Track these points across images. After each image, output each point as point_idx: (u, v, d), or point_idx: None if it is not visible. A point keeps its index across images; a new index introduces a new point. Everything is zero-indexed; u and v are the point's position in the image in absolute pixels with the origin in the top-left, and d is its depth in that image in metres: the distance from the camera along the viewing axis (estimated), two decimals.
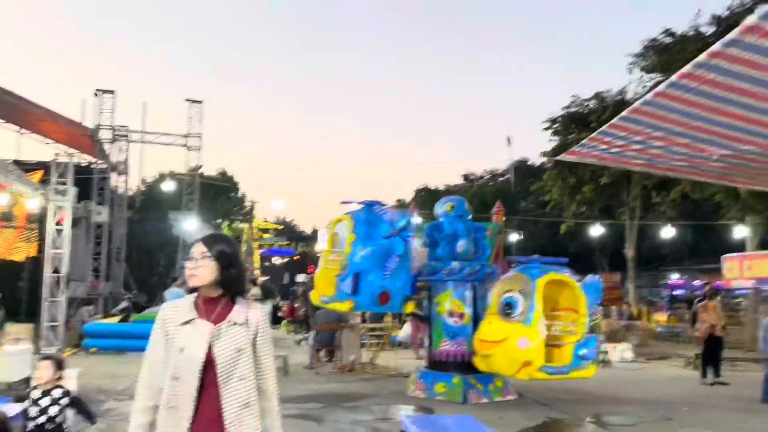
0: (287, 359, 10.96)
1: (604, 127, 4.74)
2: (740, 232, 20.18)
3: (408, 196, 52.97)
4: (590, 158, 5.19)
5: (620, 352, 14.19)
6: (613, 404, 8.51)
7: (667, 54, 20.27)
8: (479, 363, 8.09)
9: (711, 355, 10.69)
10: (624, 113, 4.41)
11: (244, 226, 41.37)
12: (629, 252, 26.50)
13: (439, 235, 9.34)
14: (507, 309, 7.73)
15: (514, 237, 29.45)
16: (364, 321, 14.23)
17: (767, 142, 4.33)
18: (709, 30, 19.45)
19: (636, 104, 4.24)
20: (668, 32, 21.11)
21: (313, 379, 10.31)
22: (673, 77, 3.83)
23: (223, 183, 34.19)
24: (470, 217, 9.98)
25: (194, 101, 24.78)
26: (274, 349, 2.62)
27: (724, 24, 17.88)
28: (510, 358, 7.58)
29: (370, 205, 9.34)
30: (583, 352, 7.60)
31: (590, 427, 7.08)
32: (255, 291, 15.36)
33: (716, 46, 3.41)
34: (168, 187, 26.76)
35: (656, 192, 23.39)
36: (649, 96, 4.09)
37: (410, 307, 9.17)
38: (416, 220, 18.80)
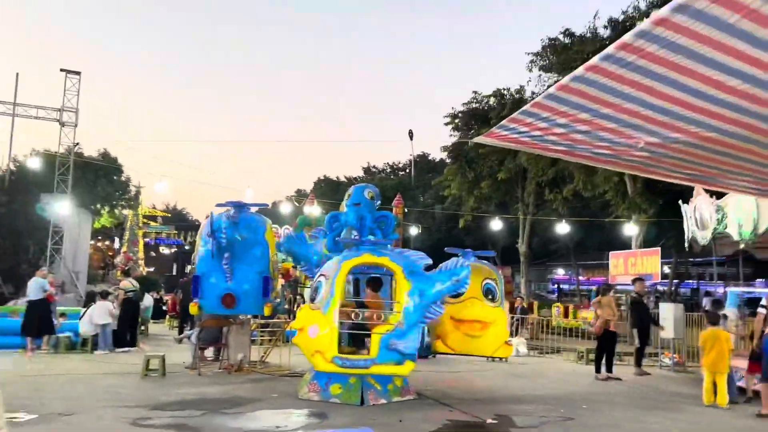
0: (164, 359, 9.85)
1: (527, 106, 4.24)
2: (630, 229, 21.10)
3: (308, 186, 52.03)
4: (508, 142, 4.70)
5: (515, 346, 14.23)
6: (514, 403, 8.24)
7: (565, 54, 20.79)
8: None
9: (605, 350, 10.81)
10: (551, 90, 3.91)
11: (129, 212, 38.58)
12: (522, 247, 27.22)
13: (365, 223, 8.78)
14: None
15: (413, 230, 29.39)
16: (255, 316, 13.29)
17: (698, 131, 3.99)
18: (605, 33, 20.14)
19: (565, 80, 3.74)
20: (567, 32, 21.67)
21: (194, 381, 9.30)
22: (610, 48, 3.35)
23: (102, 163, 31.47)
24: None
25: (71, 72, 22.44)
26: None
27: (620, 27, 18.51)
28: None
29: (238, 206, 9.22)
30: (394, 343, 7.25)
31: (492, 429, 6.69)
32: (126, 284, 13.87)
33: (664, 11, 2.94)
34: (34, 164, 24.18)
35: (549, 189, 24.09)
36: (579, 70, 3.60)
37: (267, 311, 8.95)
38: (313, 210, 17.91)
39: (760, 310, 8.27)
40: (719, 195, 10.47)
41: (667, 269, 29.94)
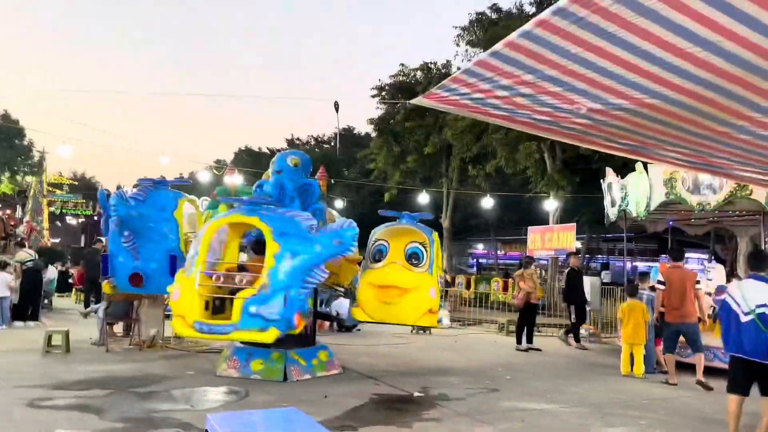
0: (68, 334, 9.09)
1: (470, 65, 3.96)
2: (549, 205, 21.67)
3: (228, 156, 50.34)
4: (448, 105, 4.43)
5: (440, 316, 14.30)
6: (439, 375, 8.18)
7: (491, 30, 20.83)
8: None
9: (526, 322, 10.99)
10: (496, 47, 3.65)
11: (33, 179, 35.83)
12: (445, 222, 27.48)
13: (286, 193, 8.24)
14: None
15: (338, 204, 29.01)
16: None
17: (641, 97, 3.87)
18: (531, 10, 20.32)
19: (512, 35, 3.49)
20: (494, 7, 21.71)
21: (101, 359, 8.63)
22: (563, 1, 3.11)
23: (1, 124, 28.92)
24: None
25: None
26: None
27: (545, 4, 18.70)
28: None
29: (157, 183, 8.73)
30: (254, 309, 6.51)
31: (418, 402, 6.56)
32: (22, 255, 12.72)
33: None
34: None
35: (473, 165, 24.32)
36: (529, 25, 3.36)
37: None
38: (234, 181, 17.10)
39: (659, 286, 8.46)
40: (624, 174, 10.91)
41: (579, 244, 31.21)
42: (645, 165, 10.12)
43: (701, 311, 8.34)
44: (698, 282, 8.77)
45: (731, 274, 12.16)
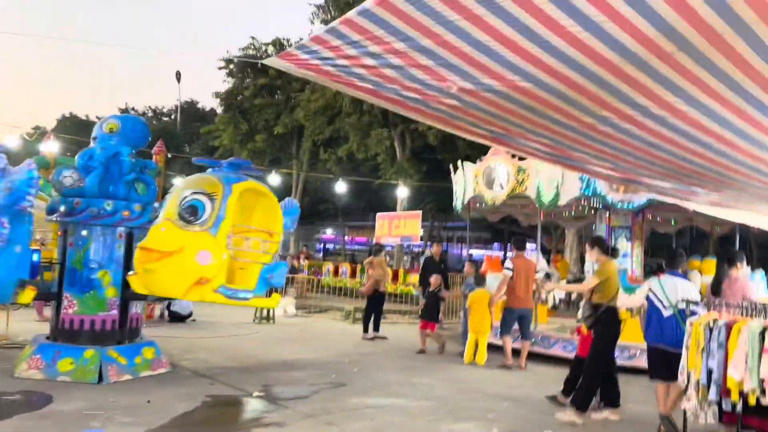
0: None
1: (335, 24, 3.42)
2: (399, 192, 21.87)
3: (50, 123, 44.89)
4: (308, 69, 3.85)
5: (284, 306, 13.69)
6: (282, 370, 7.60)
7: (347, 10, 20.39)
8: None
9: (374, 310, 10.77)
10: (366, 3, 3.13)
11: None
12: None
13: (90, 163, 7.01)
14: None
15: (177, 181, 26.98)
16: None
17: (514, 79, 3.60)
18: None
19: None
20: None
21: None
22: None
23: None
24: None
25: None
26: None
27: None
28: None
29: None
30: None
31: (259, 404, 5.95)
32: None
33: None
34: None
35: (324, 149, 23.85)
36: None
37: (28, 297, 6.32)
38: (51, 148, 14.84)
39: (507, 272, 8.74)
40: (521, 156, 10.65)
41: (422, 231, 32.23)
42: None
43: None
44: (537, 271, 9.28)
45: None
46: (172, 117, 45.44)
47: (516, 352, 8.68)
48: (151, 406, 5.59)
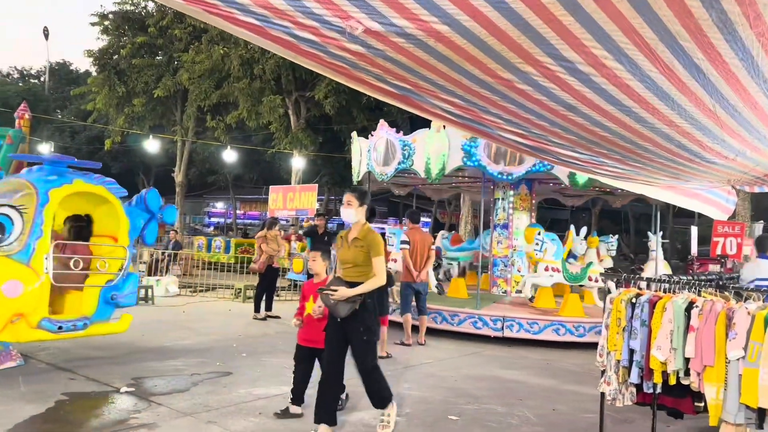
0: None
1: None
2: (293, 164, 20.94)
3: None
4: (196, 3, 3.07)
5: (165, 285, 12.59)
6: (158, 359, 6.74)
7: None
8: None
9: (267, 287, 10.04)
10: None
11: None
12: (178, 177, 25.06)
13: None
14: None
15: (45, 148, 24.29)
16: None
17: (431, 21, 3.09)
18: None
19: None
20: None
21: None
22: None
23: None
24: None
25: None
26: None
27: None
28: None
29: None
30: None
31: (126, 401, 5.12)
32: None
33: None
34: None
35: (212, 116, 22.35)
36: None
37: None
38: None
39: (404, 246, 8.46)
40: (407, 131, 10.47)
41: (318, 205, 31.61)
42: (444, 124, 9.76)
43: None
44: (433, 244, 9.04)
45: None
46: (41, 79, 41.20)
47: (415, 329, 8.39)
48: None
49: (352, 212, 4.60)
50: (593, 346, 4.63)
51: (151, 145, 22.40)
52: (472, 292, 9.93)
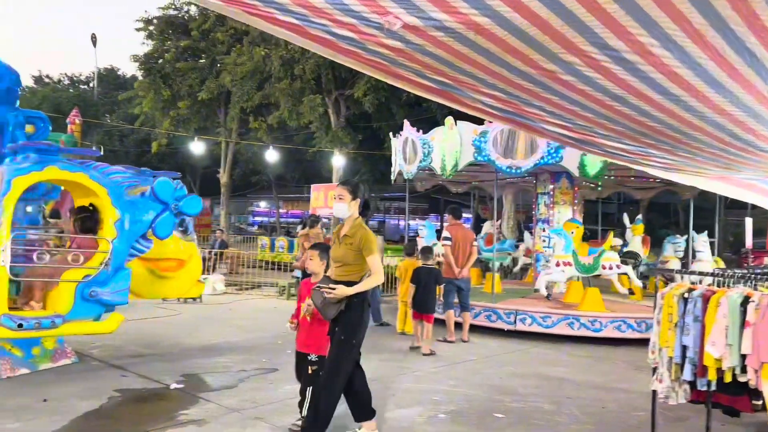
0: None
1: None
2: (333, 162, 21.08)
3: None
4: (235, 4, 3.10)
5: (212, 283, 12.83)
6: (206, 356, 6.88)
7: None
8: None
9: None
10: None
11: None
12: (223, 177, 25.54)
13: None
14: None
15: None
16: None
17: (471, 13, 3.06)
18: None
19: None
20: None
21: None
22: None
23: None
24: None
25: None
26: None
27: None
28: None
29: None
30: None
31: (176, 398, 5.25)
32: None
33: None
34: None
35: (254, 117, 22.68)
36: None
37: None
38: None
39: (445, 242, 8.41)
40: (427, 129, 10.54)
41: None
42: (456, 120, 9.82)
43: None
44: (475, 240, 8.99)
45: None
46: (90, 85, 42.53)
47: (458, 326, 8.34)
48: (47, 406, 4.80)
49: (344, 207, 4.23)
50: (643, 342, 4.51)
51: (197, 147, 22.86)
52: (512, 288, 9.86)
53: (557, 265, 9.14)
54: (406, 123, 10.79)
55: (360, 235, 4.13)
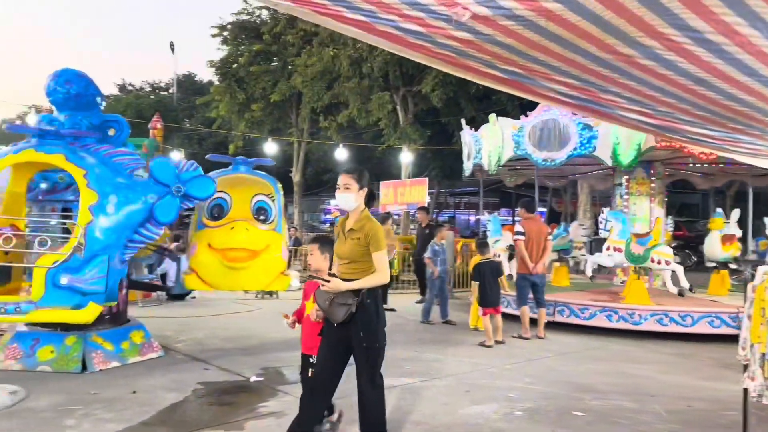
0: None
1: None
2: (401, 158, 21.13)
3: (45, 101, 44.14)
4: (305, 4, 3.17)
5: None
6: (285, 350, 7.06)
7: None
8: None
9: None
10: None
11: None
12: (296, 176, 26.12)
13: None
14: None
15: (177, 155, 26.22)
16: None
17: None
18: None
19: None
20: None
21: None
22: None
23: None
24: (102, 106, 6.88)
25: None
26: None
27: None
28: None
29: None
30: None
31: (256, 391, 5.42)
32: None
33: None
34: None
35: (324, 116, 23.07)
36: None
37: None
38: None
39: (519, 237, 8.25)
40: (478, 126, 10.64)
41: (428, 198, 31.63)
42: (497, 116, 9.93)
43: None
44: (550, 234, 8.80)
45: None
46: (170, 91, 44.49)
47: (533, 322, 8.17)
48: (137, 397, 5.07)
49: (351, 197, 3.74)
50: (732, 338, 4.26)
51: (270, 148, 23.48)
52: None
53: (607, 248, 8.97)
54: (463, 122, 11.10)
55: (368, 228, 3.69)
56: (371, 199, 3.88)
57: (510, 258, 9.79)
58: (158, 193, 5.66)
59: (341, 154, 23.28)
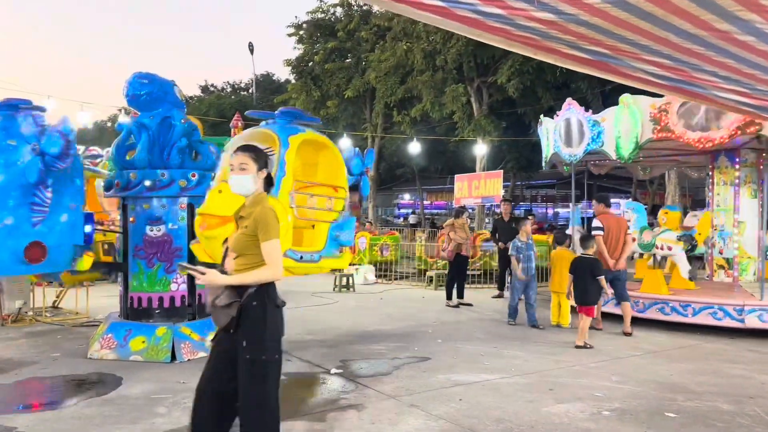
0: None
1: None
2: (475, 151, 20.82)
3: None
4: None
5: (363, 274, 13.29)
6: (362, 342, 7.11)
7: None
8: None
9: (457, 275, 10.08)
10: None
11: None
12: (370, 172, 26.25)
13: (139, 133, 6.60)
14: None
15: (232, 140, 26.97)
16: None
17: None
18: None
19: None
20: None
21: None
22: None
23: None
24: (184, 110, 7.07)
25: None
26: None
27: None
28: None
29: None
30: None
31: (336, 383, 5.46)
32: None
33: None
34: None
35: (397, 111, 23.07)
36: None
37: (87, 263, 5.77)
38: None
39: (597, 233, 7.87)
40: (598, 108, 10.04)
41: (504, 191, 31.02)
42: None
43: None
44: (629, 228, 8.42)
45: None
46: (249, 91, 45.88)
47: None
48: None
49: (248, 179, 3.16)
50: None
51: (345, 144, 23.74)
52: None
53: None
54: (570, 100, 9.87)
55: (256, 213, 3.08)
56: (270, 184, 3.31)
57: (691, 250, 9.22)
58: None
59: (414, 148, 23.22)
